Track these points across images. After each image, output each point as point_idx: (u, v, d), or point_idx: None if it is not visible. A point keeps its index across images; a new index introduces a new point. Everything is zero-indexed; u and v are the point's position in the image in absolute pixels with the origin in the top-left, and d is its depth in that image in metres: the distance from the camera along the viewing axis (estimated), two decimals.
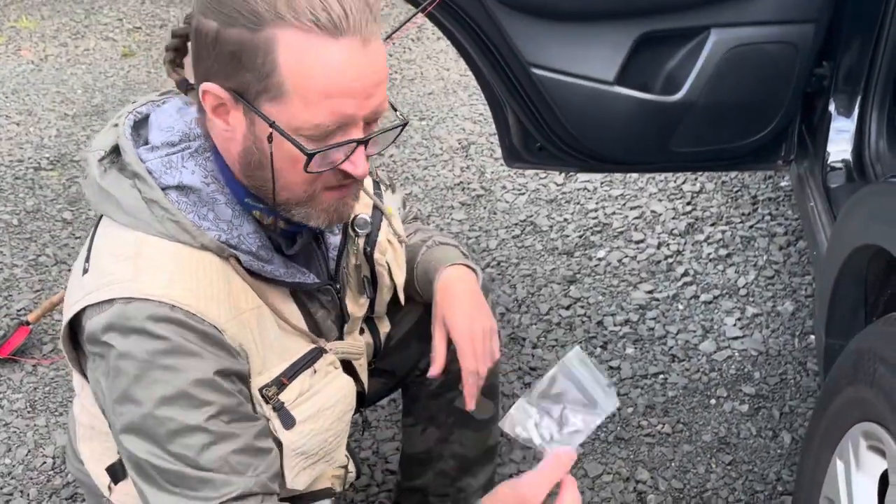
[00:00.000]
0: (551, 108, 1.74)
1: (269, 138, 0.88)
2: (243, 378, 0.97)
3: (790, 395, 1.85)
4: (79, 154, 3.06)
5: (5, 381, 2.08)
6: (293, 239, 1.04)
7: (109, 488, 1.13)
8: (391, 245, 1.20)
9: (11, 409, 2.01)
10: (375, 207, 1.18)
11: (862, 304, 1.29)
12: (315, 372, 1.05)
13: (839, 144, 1.74)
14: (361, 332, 1.28)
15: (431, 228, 1.40)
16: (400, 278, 1.24)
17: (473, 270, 1.29)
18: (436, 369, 1.20)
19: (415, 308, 1.37)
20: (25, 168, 2.97)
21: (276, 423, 1.00)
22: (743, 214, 2.41)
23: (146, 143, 0.99)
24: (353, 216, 1.13)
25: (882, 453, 1.09)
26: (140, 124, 1.02)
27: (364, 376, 1.27)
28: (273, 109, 0.87)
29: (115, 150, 0.99)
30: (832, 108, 1.75)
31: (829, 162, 1.73)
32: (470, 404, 1.18)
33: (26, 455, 1.90)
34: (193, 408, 0.90)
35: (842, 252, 1.21)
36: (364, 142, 0.91)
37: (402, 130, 0.99)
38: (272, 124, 0.87)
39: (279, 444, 1.01)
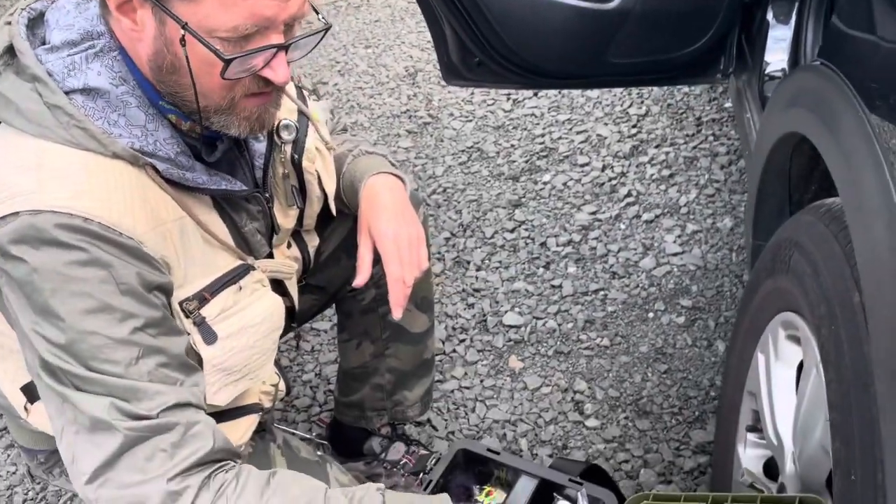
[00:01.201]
0: (488, 20, 1.70)
1: (182, 41, 0.83)
2: (166, 291, 0.93)
3: (725, 307, 1.88)
4: None
5: None
6: (213, 145, 0.99)
7: (26, 409, 1.09)
8: (319, 153, 1.16)
9: None
10: (301, 113, 1.13)
11: (787, 202, 1.30)
12: (240, 289, 1.01)
13: (777, 54, 1.72)
14: (289, 246, 1.24)
15: (359, 138, 1.35)
16: (330, 187, 1.20)
17: (401, 179, 1.25)
18: (360, 279, 1.16)
19: (344, 222, 1.34)
20: None
21: (196, 338, 0.97)
22: (687, 135, 2.41)
23: (43, 43, 0.92)
24: (278, 122, 1.08)
25: (799, 341, 1.11)
26: (35, 22, 0.94)
27: (295, 293, 1.25)
28: (185, 9, 0.81)
29: (10, 51, 0.91)
30: (770, 16, 1.73)
31: (766, 71, 1.72)
32: (396, 313, 1.14)
33: None
34: (118, 321, 0.85)
35: (766, 146, 1.21)
36: (285, 47, 0.87)
37: (324, 35, 0.94)
38: (185, 26, 0.82)
39: (199, 359, 0.98)
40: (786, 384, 1.15)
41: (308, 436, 1.64)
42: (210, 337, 0.98)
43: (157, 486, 0.84)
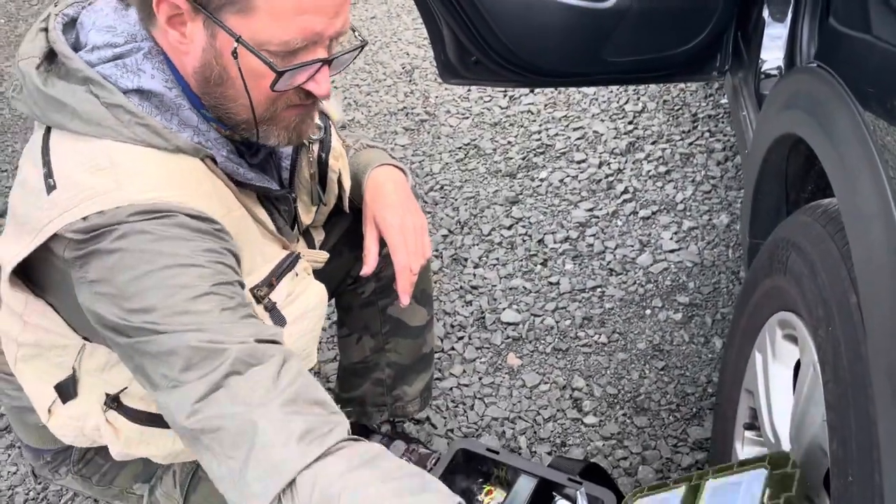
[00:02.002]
0: (485, 18, 1.70)
1: (234, 53, 0.84)
2: (238, 260, 0.94)
3: (722, 303, 1.89)
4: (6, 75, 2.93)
5: None
6: (256, 149, 1.03)
7: (49, 411, 1.07)
8: (341, 151, 1.20)
9: None
10: (322, 113, 1.16)
11: (783, 201, 1.31)
12: (296, 275, 1.05)
13: (772, 52, 1.73)
14: (297, 241, 1.26)
15: (358, 133, 1.37)
16: (348, 184, 1.23)
17: (402, 170, 1.28)
18: (368, 268, 1.19)
19: (345, 216, 1.35)
20: None
21: (269, 323, 0.99)
22: (683, 132, 2.41)
23: (76, 47, 0.92)
24: None
25: (796, 341, 1.11)
26: (67, 28, 0.94)
27: None
28: (238, 22, 0.83)
29: (48, 57, 0.91)
30: (766, 14, 1.74)
31: (762, 69, 1.72)
32: (404, 300, 1.18)
33: None
34: (201, 277, 0.83)
35: (763, 146, 1.22)
36: (329, 61, 0.90)
37: (360, 51, 0.97)
38: (238, 39, 0.84)
39: None
40: (783, 383, 1.16)
41: None
42: (281, 322, 1.01)
43: (270, 409, 0.80)
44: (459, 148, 2.52)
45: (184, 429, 0.82)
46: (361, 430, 1.62)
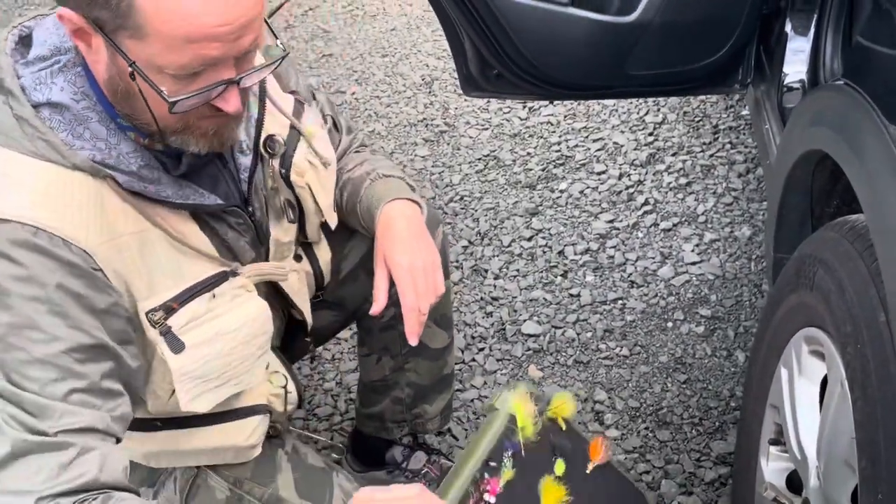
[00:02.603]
0: (507, 32, 1.71)
1: (132, 76, 0.84)
2: (114, 312, 0.92)
3: (745, 316, 1.88)
4: None
5: None
6: (179, 158, 0.98)
7: None
8: (312, 166, 1.15)
9: None
10: (293, 128, 1.13)
11: (808, 216, 1.31)
12: (214, 296, 1.02)
13: (795, 65, 1.73)
14: (299, 258, 1.25)
15: (379, 157, 1.34)
16: (324, 200, 1.19)
17: (417, 203, 1.24)
18: (377, 308, 1.17)
19: (363, 240, 1.35)
20: None
21: (163, 347, 0.97)
22: (704, 143, 2.41)
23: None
24: (266, 136, 1.09)
25: (823, 357, 1.11)
26: (27, 39, 0.96)
27: (303, 304, 1.25)
28: (133, 46, 0.82)
29: None
30: (789, 27, 1.74)
31: (785, 83, 1.72)
32: (412, 340, 1.15)
33: None
34: (43, 341, 0.86)
35: (788, 161, 1.22)
36: (235, 82, 0.87)
37: (279, 63, 0.94)
38: (132, 64, 0.83)
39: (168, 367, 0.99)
40: (809, 399, 1.16)
41: (329, 441, 1.65)
42: (177, 346, 0.98)
43: (28, 500, 0.84)
44: (479, 159, 2.53)
45: None
46: (382, 441, 1.63)
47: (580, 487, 1.19)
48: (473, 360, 1.90)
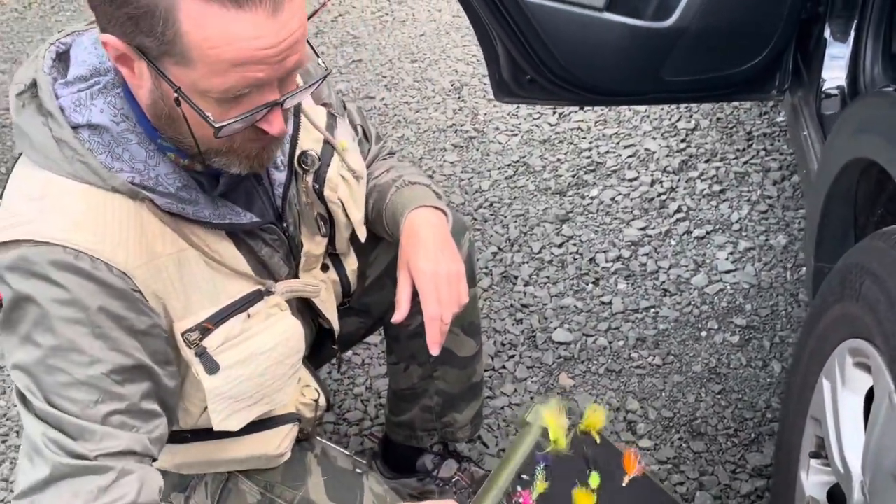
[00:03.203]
0: (541, 37, 1.70)
1: (177, 101, 0.83)
2: (152, 333, 0.94)
3: (781, 326, 1.85)
4: None
5: None
6: (217, 179, 0.98)
7: None
8: (345, 181, 1.15)
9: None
10: (326, 142, 1.12)
11: (851, 224, 1.28)
12: (249, 317, 1.01)
13: (834, 71, 1.70)
14: (326, 268, 1.24)
15: (406, 164, 1.33)
16: (356, 215, 1.18)
17: (443, 211, 1.23)
18: (399, 315, 1.16)
19: (389, 247, 1.34)
20: None
21: (198, 368, 0.98)
22: (737, 150, 2.38)
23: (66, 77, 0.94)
24: (300, 152, 1.09)
25: (868, 369, 1.09)
26: (65, 55, 0.96)
27: (331, 314, 1.25)
28: (178, 72, 0.82)
29: (35, 85, 0.93)
30: (827, 33, 1.71)
31: (823, 89, 1.70)
32: (433, 350, 1.14)
33: None
34: (84, 364, 0.88)
35: (832, 169, 1.20)
36: (280, 103, 0.87)
37: (322, 82, 0.94)
38: (177, 90, 0.82)
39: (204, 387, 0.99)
40: (853, 412, 1.13)
41: (347, 453, 1.64)
42: (212, 367, 0.98)
43: None
44: (509, 165, 2.52)
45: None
46: (413, 449, 1.62)
47: (616, 500, 1.18)
48: (504, 367, 1.89)
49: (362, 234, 1.22)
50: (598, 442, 1.23)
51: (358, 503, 1.20)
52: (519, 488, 1.14)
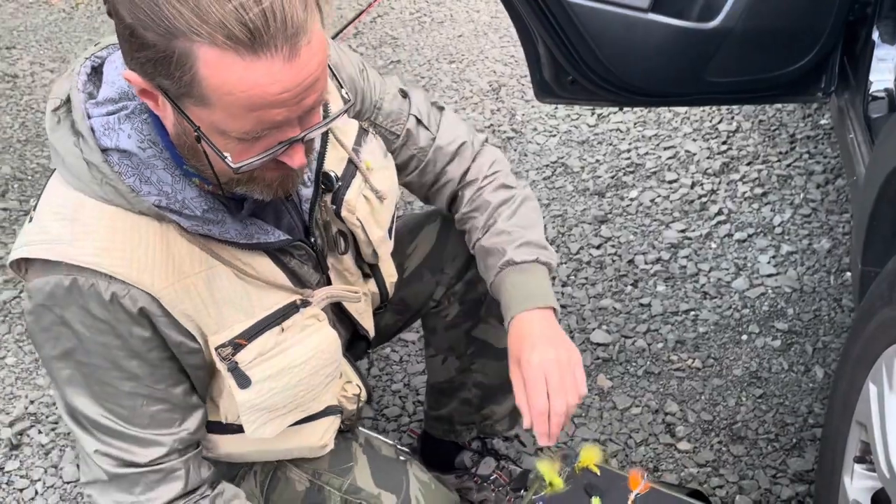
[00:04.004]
0: (584, 38, 1.70)
1: (197, 139, 0.84)
2: (179, 348, 0.98)
3: (824, 331, 1.83)
4: None
5: None
6: (242, 202, 0.99)
7: None
8: (367, 201, 1.12)
9: None
10: (350, 161, 1.11)
11: None
12: (283, 330, 1.02)
13: (882, 74, 1.68)
14: (367, 277, 1.23)
15: (517, 195, 1.25)
16: (376, 234, 1.15)
17: (552, 309, 1.17)
18: (527, 421, 1.10)
19: (427, 239, 1.35)
20: None
21: (230, 382, 1.00)
22: (780, 153, 2.36)
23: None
24: (323, 171, 1.07)
25: None
26: (99, 69, 0.97)
27: (367, 322, 1.25)
28: (198, 112, 0.83)
29: (69, 100, 0.94)
30: (875, 35, 1.69)
31: (870, 92, 1.68)
32: (542, 441, 1.09)
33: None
34: (126, 378, 0.96)
35: (881, 173, 1.18)
36: (301, 139, 0.87)
37: (345, 112, 0.94)
38: (197, 129, 0.83)
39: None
40: None
41: (390, 442, 1.65)
42: (243, 382, 1.00)
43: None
44: (546, 166, 2.52)
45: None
46: (452, 446, 1.63)
47: None
48: None
49: (382, 252, 1.20)
50: (599, 474, 1.23)
51: (405, 489, 1.21)
52: None
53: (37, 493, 1.73)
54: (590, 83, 1.80)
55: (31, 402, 1.92)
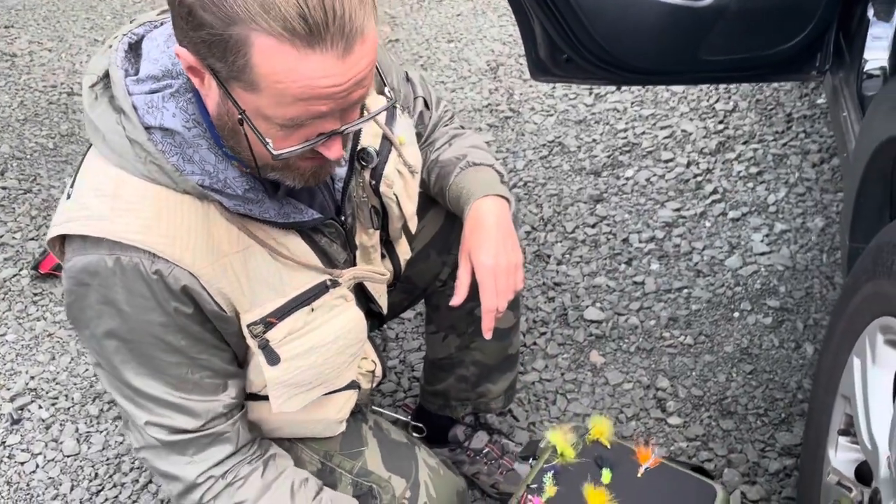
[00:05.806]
0: (579, 16, 1.70)
1: (240, 122, 0.85)
2: (218, 322, 1.01)
3: (815, 309, 1.85)
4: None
5: (48, 295, 2.17)
6: (278, 184, 1.00)
7: None
8: (401, 175, 1.16)
9: (54, 320, 2.10)
10: (385, 137, 1.14)
11: (887, 205, 1.28)
12: (313, 310, 1.04)
13: (876, 52, 1.68)
14: (383, 257, 1.26)
15: (469, 134, 1.34)
16: (409, 208, 1.19)
17: (506, 199, 1.24)
18: (457, 300, 1.20)
19: (434, 220, 1.37)
20: (59, 93, 3.02)
21: (260, 359, 1.03)
22: (776, 132, 2.36)
23: (137, 71, 0.95)
24: (360, 148, 1.10)
25: None
26: (136, 45, 0.98)
27: (383, 300, 1.28)
28: (245, 96, 0.83)
29: (107, 75, 0.94)
30: (870, 13, 1.69)
31: (865, 70, 1.68)
32: (487, 335, 1.19)
33: (69, 363, 1.99)
34: (172, 350, 0.98)
35: (868, 149, 1.19)
36: (340, 132, 0.88)
37: (385, 109, 0.96)
38: (242, 113, 0.84)
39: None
40: (883, 389, 1.14)
41: (403, 418, 1.68)
42: (273, 359, 1.03)
43: (191, 471, 1.05)
44: (543, 145, 2.53)
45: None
46: (446, 420, 1.66)
47: (631, 491, 1.21)
48: (535, 343, 1.91)
49: (413, 226, 1.25)
50: (609, 447, 1.26)
51: (414, 474, 1.23)
52: (529, 496, 1.18)
53: (38, 466, 1.76)
54: (585, 61, 1.80)
55: (32, 377, 1.95)
